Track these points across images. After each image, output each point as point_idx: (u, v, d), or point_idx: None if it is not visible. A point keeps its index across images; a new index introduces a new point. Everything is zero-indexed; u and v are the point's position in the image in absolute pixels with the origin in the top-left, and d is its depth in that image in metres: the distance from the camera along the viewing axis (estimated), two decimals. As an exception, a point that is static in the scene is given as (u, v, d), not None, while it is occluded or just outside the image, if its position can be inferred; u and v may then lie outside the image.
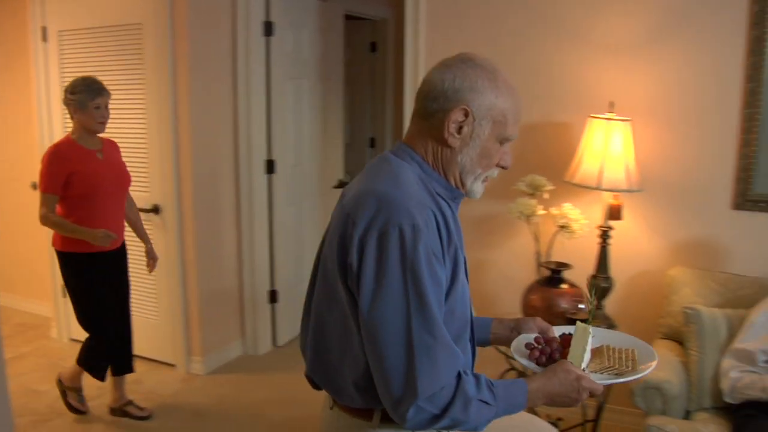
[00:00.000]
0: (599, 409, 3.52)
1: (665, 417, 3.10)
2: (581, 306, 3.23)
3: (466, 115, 1.65)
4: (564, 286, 3.36)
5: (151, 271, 4.03)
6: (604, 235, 3.54)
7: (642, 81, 3.68)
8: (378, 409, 1.69)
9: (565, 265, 3.38)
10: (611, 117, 3.42)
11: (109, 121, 3.70)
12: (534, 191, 3.56)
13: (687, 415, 3.24)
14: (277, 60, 4.72)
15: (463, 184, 1.74)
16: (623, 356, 1.94)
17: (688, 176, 3.68)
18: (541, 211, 3.54)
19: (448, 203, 1.72)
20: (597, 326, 1.96)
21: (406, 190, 1.61)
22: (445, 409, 1.56)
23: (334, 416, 1.80)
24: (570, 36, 3.79)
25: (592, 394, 1.73)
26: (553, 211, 3.55)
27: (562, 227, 3.49)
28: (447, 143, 1.68)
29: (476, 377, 1.63)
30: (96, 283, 3.75)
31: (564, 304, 3.26)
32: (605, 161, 3.36)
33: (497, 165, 1.76)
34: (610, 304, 3.68)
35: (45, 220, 3.59)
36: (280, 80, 4.78)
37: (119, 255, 3.89)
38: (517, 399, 1.66)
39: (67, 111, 3.69)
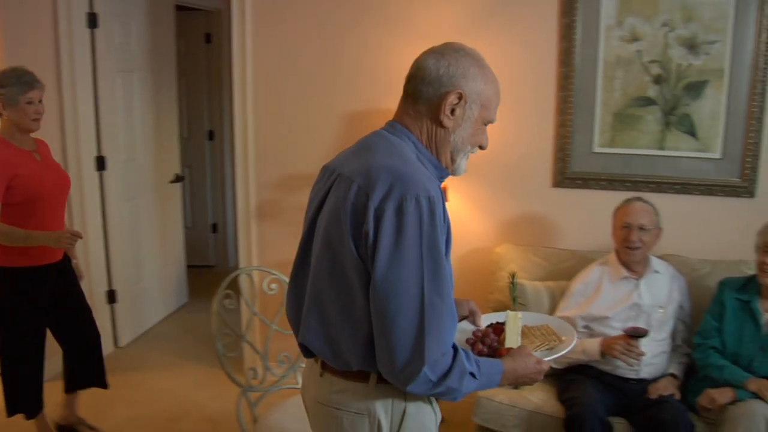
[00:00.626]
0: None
1: (495, 388, 3.24)
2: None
3: (460, 98, 1.78)
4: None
5: None
6: (431, 217, 3.64)
7: (462, 67, 3.81)
8: (375, 371, 1.75)
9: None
10: (432, 102, 3.52)
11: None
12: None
13: (517, 386, 3.39)
14: (104, 52, 4.57)
15: (453, 161, 1.86)
16: (544, 332, 2.14)
17: (510, 157, 3.86)
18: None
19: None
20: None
21: (415, 166, 1.73)
22: (443, 377, 1.65)
23: (326, 382, 1.85)
24: (393, 25, 3.88)
25: None
26: (381, 195, 3.62)
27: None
28: (442, 124, 1.80)
29: (465, 351, 1.72)
30: (32, 303, 3.36)
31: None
32: (428, 145, 3.46)
33: (480, 144, 1.90)
34: (441, 283, 3.80)
35: None
36: (108, 73, 4.63)
37: (64, 266, 3.52)
38: (494, 377, 1.79)
39: None
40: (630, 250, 3.23)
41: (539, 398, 3.18)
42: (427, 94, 1.80)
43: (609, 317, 3.22)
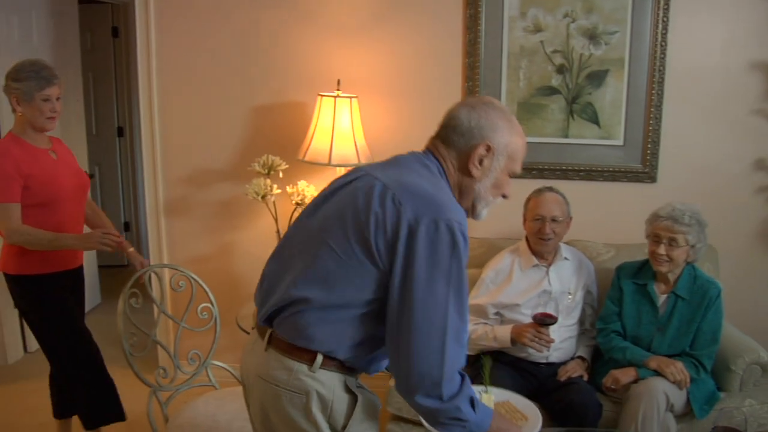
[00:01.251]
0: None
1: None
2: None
3: (488, 150, 1.89)
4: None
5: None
6: (341, 210, 3.66)
7: (367, 59, 3.83)
8: (322, 353, 1.82)
9: (304, 242, 3.45)
10: (338, 94, 3.53)
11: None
12: (269, 171, 3.60)
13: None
14: (3, 47, 4.41)
15: (474, 209, 1.97)
16: (508, 410, 2.28)
17: (418, 148, 3.86)
18: (276, 190, 3.59)
19: None
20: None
21: (448, 195, 1.86)
22: (453, 396, 1.76)
23: (270, 358, 1.88)
24: (302, 17, 3.86)
25: None
26: (289, 189, 3.62)
27: (299, 204, 3.56)
28: (470, 173, 1.91)
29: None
30: (62, 305, 3.13)
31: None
32: (335, 138, 3.47)
33: (503, 194, 2.00)
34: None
35: (14, 235, 2.92)
36: (7, 70, 4.46)
37: (78, 274, 3.29)
38: (486, 421, 1.86)
39: (7, 100, 3.03)
40: (543, 241, 3.29)
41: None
42: (458, 144, 1.91)
43: (519, 304, 3.27)
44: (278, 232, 3.68)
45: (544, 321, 3.03)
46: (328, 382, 1.84)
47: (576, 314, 3.34)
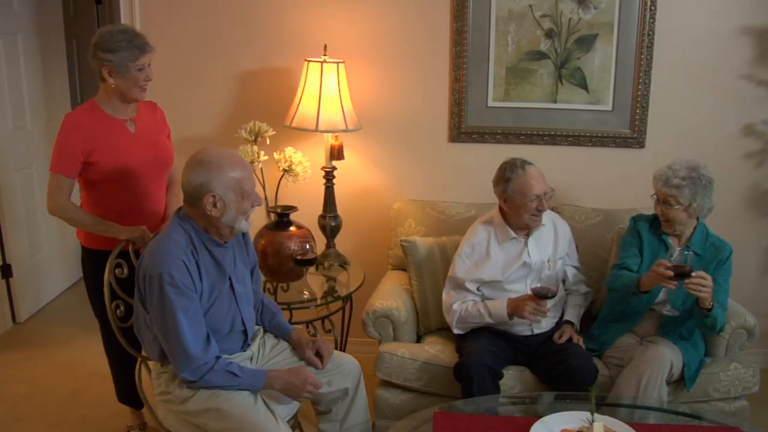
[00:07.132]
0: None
1: (397, 343, 3.27)
2: (308, 246, 3.30)
3: (214, 198, 2.40)
4: (292, 228, 3.36)
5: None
6: (329, 176, 3.64)
7: (354, 23, 3.79)
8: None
9: (291, 208, 3.42)
10: (325, 59, 3.50)
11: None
12: (256, 137, 3.57)
13: (419, 339, 3.43)
14: (-16, 14, 4.34)
15: (231, 228, 2.48)
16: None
17: (407, 114, 3.87)
18: (264, 157, 3.56)
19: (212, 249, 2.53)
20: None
21: (169, 251, 2.41)
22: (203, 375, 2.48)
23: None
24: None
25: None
26: (276, 156, 3.59)
27: (286, 171, 3.54)
28: (211, 215, 2.43)
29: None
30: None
31: (293, 246, 3.28)
32: (322, 103, 3.45)
33: (252, 205, 2.51)
34: (341, 241, 3.81)
35: (57, 208, 2.87)
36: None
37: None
38: (259, 380, 2.55)
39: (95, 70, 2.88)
40: (537, 219, 3.14)
41: (437, 350, 3.24)
42: (191, 201, 2.43)
43: (501, 281, 3.20)
44: (266, 198, 3.65)
45: (543, 294, 2.95)
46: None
47: (556, 281, 3.30)
